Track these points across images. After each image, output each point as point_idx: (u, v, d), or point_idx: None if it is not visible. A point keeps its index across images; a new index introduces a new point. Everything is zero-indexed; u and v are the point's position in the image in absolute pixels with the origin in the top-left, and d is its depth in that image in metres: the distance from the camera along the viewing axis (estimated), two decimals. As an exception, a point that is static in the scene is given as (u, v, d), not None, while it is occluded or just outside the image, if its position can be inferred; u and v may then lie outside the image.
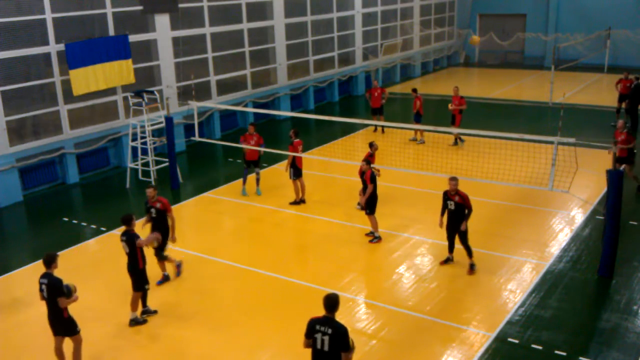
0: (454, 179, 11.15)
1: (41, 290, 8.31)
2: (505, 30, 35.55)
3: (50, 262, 8.34)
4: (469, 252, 11.28)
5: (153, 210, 11.07)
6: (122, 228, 9.81)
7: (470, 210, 11.07)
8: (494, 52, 36.66)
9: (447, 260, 11.64)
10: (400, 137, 20.14)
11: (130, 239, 9.68)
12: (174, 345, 9.37)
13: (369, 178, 12.41)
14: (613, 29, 31.93)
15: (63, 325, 8.43)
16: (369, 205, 12.52)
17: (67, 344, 8.61)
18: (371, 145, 14.21)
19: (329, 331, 6.59)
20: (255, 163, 15.40)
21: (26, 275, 11.82)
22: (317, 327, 6.66)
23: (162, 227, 11.02)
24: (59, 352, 8.61)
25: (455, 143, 19.11)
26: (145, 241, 9.84)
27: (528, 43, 35.31)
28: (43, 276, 8.31)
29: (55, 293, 8.19)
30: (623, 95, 21.21)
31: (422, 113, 19.97)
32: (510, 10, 35.76)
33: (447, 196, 11.23)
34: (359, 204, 14.29)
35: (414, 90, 20.29)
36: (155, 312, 10.23)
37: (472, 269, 11.26)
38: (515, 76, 32.23)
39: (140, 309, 10.04)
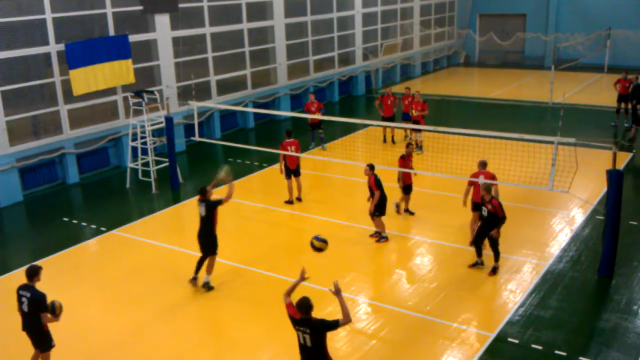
0: (485, 187, 11.08)
1: (21, 302, 7.97)
2: (505, 30, 35.55)
3: (32, 275, 8.00)
4: (497, 257, 11.22)
5: None
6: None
7: (503, 218, 10.93)
8: (494, 52, 36.66)
9: (476, 264, 11.45)
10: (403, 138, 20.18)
11: (210, 203, 10.55)
12: (173, 346, 9.36)
13: (373, 184, 12.26)
14: (613, 29, 31.93)
15: (40, 338, 8.12)
16: (378, 208, 12.38)
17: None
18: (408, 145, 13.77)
19: (308, 331, 6.92)
20: (318, 125, 18.73)
21: (26, 275, 11.82)
22: (297, 327, 7.01)
23: None
24: None
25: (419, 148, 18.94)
26: (228, 197, 10.79)
27: (528, 43, 35.29)
28: (24, 288, 7.98)
29: (39, 308, 7.87)
30: (622, 96, 21.21)
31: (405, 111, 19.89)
32: (510, 10, 35.75)
33: (483, 200, 11.12)
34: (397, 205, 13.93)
35: (408, 89, 20.23)
36: (196, 278, 10.93)
37: (494, 271, 11.19)
38: (515, 76, 32.22)
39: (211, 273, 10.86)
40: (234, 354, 9.16)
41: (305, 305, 6.93)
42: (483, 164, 12.35)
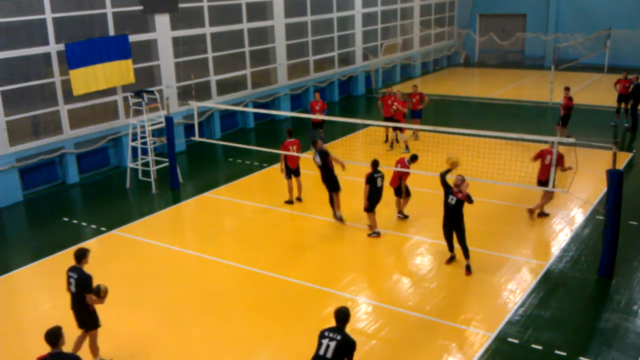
0: (460, 176, 11.19)
1: (69, 283, 8.51)
2: (505, 30, 35.54)
3: (80, 257, 8.57)
4: (466, 253, 11.25)
5: None
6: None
7: (471, 202, 11.10)
8: (494, 52, 36.66)
9: (452, 259, 11.62)
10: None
11: (323, 152, 13.06)
12: (173, 345, 9.37)
13: (366, 178, 12.77)
14: (613, 29, 31.93)
15: (86, 318, 8.60)
16: (369, 202, 12.83)
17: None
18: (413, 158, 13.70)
19: (337, 337, 6.64)
20: (319, 125, 18.93)
21: (26, 275, 11.83)
22: (326, 333, 6.72)
23: None
24: (79, 342, 8.77)
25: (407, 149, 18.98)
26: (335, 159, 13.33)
27: (528, 43, 35.29)
28: (72, 270, 8.52)
29: (84, 289, 8.37)
30: (622, 96, 21.22)
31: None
32: (510, 10, 35.76)
33: (450, 190, 11.18)
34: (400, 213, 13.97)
35: (415, 86, 20.54)
36: (340, 217, 13.42)
37: (468, 269, 11.23)
38: (515, 76, 32.22)
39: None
40: (234, 353, 9.16)
41: (344, 313, 6.79)
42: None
